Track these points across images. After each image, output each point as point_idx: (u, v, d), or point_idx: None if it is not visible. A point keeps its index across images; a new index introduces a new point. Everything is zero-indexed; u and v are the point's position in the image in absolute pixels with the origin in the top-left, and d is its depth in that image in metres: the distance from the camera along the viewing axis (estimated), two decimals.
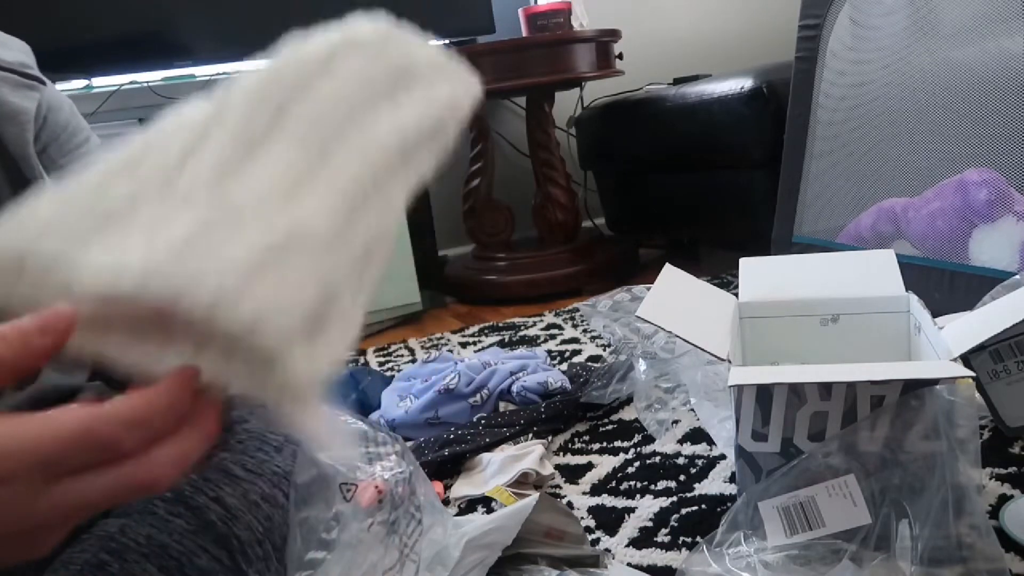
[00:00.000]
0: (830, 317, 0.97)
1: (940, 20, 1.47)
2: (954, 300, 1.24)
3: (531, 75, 2.16)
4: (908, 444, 0.71)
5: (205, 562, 0.57)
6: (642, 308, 0.87)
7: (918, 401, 0.70)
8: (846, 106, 1.64)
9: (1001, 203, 1.31)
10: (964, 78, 1.39)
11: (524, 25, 2.28)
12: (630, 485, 1.01)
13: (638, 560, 0.84)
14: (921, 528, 0.66)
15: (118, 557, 0.55)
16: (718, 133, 1.99)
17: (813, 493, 0.70)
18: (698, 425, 1.14)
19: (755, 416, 0.77)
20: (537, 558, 0.75)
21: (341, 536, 0.66)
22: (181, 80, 2.14)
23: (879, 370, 0.73)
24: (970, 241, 1.35)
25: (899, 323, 0.94)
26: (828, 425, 0.75)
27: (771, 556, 0.69)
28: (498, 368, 1.32)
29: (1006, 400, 0.82)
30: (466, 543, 0.73)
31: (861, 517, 0.68)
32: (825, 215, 1.68)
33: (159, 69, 2.15)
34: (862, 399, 0.74)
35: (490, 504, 1.00)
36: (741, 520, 0.72)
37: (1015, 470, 0.89)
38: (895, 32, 1.54)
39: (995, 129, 1.32)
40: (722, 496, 0.95)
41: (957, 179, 1.38)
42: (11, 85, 0.64)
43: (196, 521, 0.58)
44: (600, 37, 2.22)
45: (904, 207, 1.48)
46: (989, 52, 1.34)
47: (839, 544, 0.68)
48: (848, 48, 1.64)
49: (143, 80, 2.10)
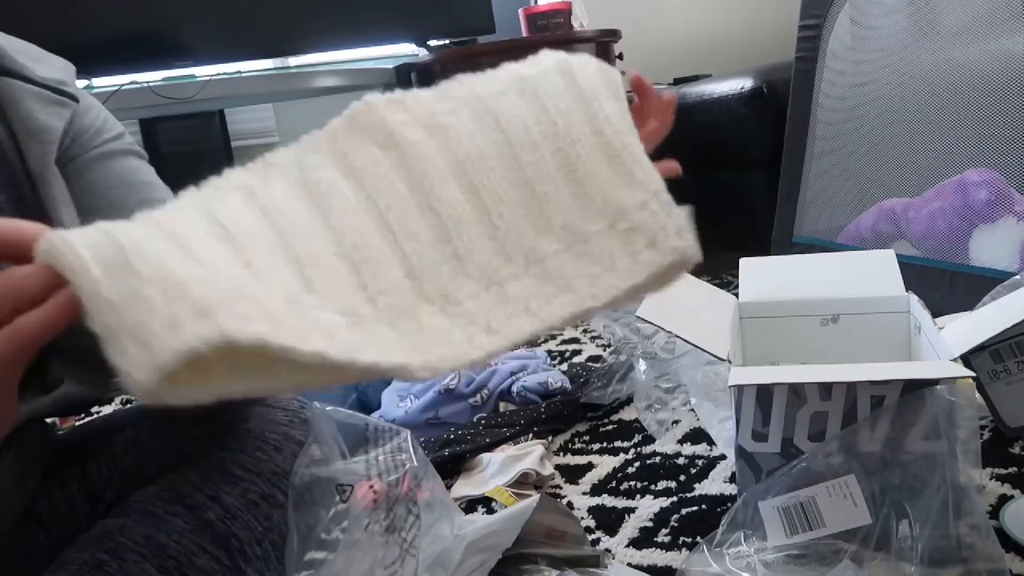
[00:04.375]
0: (830, 317, 0.97)
1: (940, 20, 1.47)
2: (954, 300, 1.24)
3: None
4: (908, 444, 0.71)
5: (204, 561, 0.57)
6: (642, 308, 0.87)
7: (918, 401, 0.70)
8: (846, 106, 1.64)
9: (1001, 203, 1.30)
10: (964, 78, 1.39)
11: (524, 25, 2.28)
12: (630, 485, 1.01)
13: (638, 560, 0.84)
14: (921, 528, 0.66)
15: (116, 557, 0.55)
16: (718, 133, 1.99)
17: (813, 493, 0.70)
18: (698, 425, 1.14)
19: (755, 416, 0.77)
20: (537, 558, 0.75)
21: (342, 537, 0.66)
22: (181, 80, 2.14)
23: (879, 370, 0.73)
24: (970, 241, 1.35)
25: (899, 323, 0.94)
26: (828, 425, 0.75)
27: (771, 556, 0.69)
28: (498, 368, 1.32)
29: (1006, 400, 0.82)
30: (467, 545, 0.73)
31: (861, 517, 0.68)
32: (825, 215, 1.68)
33: (159, 69, 2.15)
34: (862, 399, 0.74)
35: (490, 504, 1.00)
36: (741, 520, 0.72)
37: (1015, 470, 0.89)
38: (895, 32, 1.54)
39: (995, 129, 1.32)
40: (722, 496, 0.95)
41: (957, 179, 1.38)
42: (43, 101, 0.64)
43: (195, 520, 0.58)
44: (600, 37, 2.22)
45: (904, 207, 1.48)
46: (989, 52, 1.34)
47: (839, 544, 0.68)
48: (848, 48, 1.64)
49: (143, 80, 2.10)
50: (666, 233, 0.45)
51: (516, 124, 0.48)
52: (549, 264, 0.45)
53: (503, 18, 2.41)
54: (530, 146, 0.47)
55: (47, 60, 0.68)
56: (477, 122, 0.48)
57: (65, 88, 0.66)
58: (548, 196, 0.47)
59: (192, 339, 0.33)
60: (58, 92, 0.65)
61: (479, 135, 0.48)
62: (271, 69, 2.37)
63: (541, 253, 0.46)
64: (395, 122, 0.47)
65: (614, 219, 0.46)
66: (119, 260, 0.36)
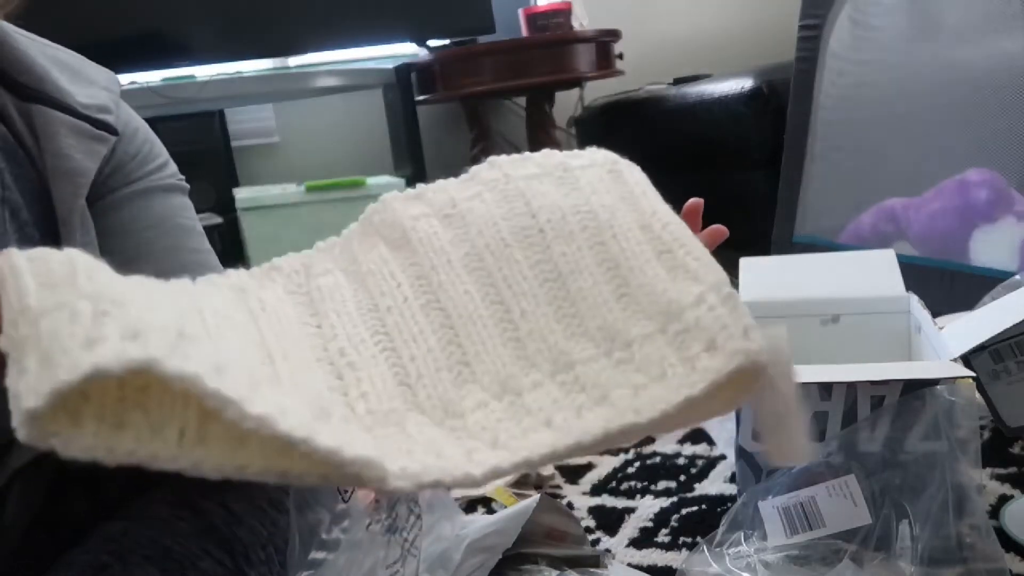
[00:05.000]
0: (830, 317, 0.97)
1: (941, 20, 1.47)
2: (954, 300, 1.24)
3: (531, 75, 2.16)
4: (908, 444, 0.71)
5: (207, 564, 0.57)
6: None
7: (918, 401, 0.70)
8: (846, 106, 1.64)
9: (1001, 203, 1.31)
10: (964, 78, 1.39)
11: (524, 25, 2.28)
12: (630, 485, 1.01)
13: (638, 560, 0.84)
14: (921, 528, 0.66)
15: (120, 559, 0.55)
16: (718, 133, 1.99)
17: (813, 493, 0.70)
18: (698, 425, 1.15)
19: (755, 416, 0.77)
20: (537, 558, 0.76)
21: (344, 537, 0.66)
22: (181, 80, 2.14)
23: (879, 370, 0.73)
24: (970, 241, 1.36)
25: (899, 323, 0.94)
26: (828, 425, 0.75)
27: (771, 556, 0.69)
28: None
29: (1006, 400, 0.82)
30: (467, 546, 0.73)
31: (861, 517, 0.68)
32: (825, 215, 1.68)
33: (159, 69, 2.15)
34: (862, 399, 0.74)
35: (490, 504, 1.00)
36: (741, 520, 0.73)
37: (1015, 470, 0.89)
38: (896, 32, 1.54)
39: (995, 129, 1.32)
40: (722, 496, 0.95)
41: (957, 179, 1.38)
42: (80, 136, 0.59)
43: (199, 524, 0.58)
44: (600, 37, 2.22)
45: (904, 207, 1.48)
46: (989, 52, 1.34)
47: (839, 544, 0.68)
48: (848, 48, 1.64)
49: (143, 80, 2.10)
50: (728, 333, 0.37)
51: (550, 209, 0.42)
52: (580, 371, 0.38)
53: (503, 18, 2.41)
54: (565, 236, 0.41)
55: (91, 76, 0.64)
56: (504, 205, 0.43)
57: (106, 118, 0.61)
58: (584, 293, 0.40)
59: (108, 358, 0.27)
60: (98, 125, 0.60)
61: (503, 220, 0.42)
62: (271, 69, 2.37)
63: (572, 359, 0.39)
64: (409, 217, 0.43)
65: (664, 321, 0.38)
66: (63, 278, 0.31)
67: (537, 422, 0.37)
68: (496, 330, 0.40)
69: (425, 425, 0.37)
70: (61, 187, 0.58)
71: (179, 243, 0.65)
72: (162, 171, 0.67)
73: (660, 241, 0.41)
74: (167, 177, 0.67)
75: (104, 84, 0.64)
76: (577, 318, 0.40)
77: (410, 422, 0.37)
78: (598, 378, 0.38)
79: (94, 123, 0.60)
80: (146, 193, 0.65)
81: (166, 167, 0.68)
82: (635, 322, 0.39)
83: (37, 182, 0.59)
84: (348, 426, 0.35)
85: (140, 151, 0.66)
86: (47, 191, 0.58)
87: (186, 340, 0.30)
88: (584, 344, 0.39)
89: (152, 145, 0.67)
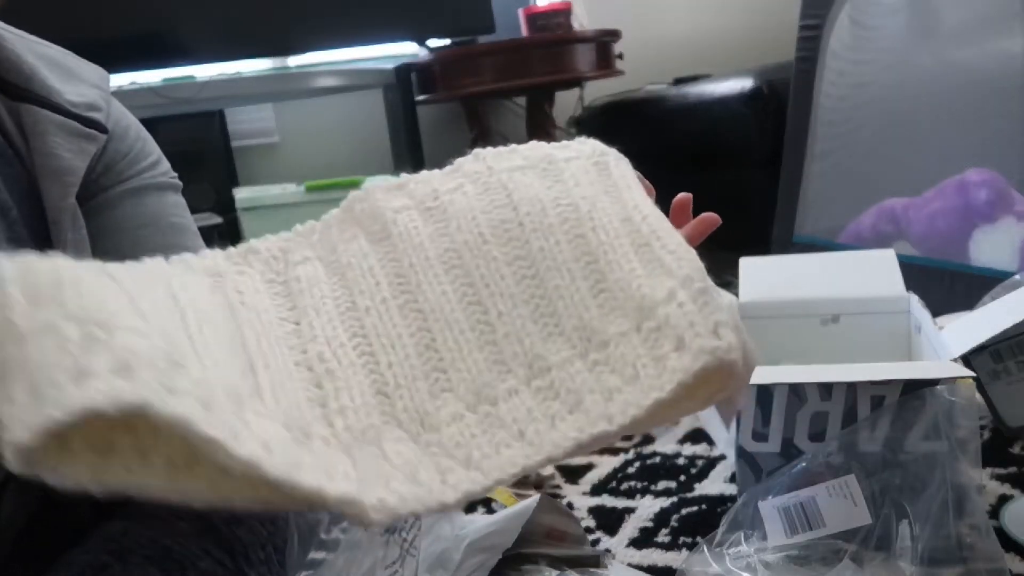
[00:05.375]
0: (830, 317, 0.97)
1: (941, 20, 1.47)
2: (954, 300, 1.24)
3: (531, 75, 2.16)
4: (908, 444, 0.71)
5: (207, 565, 0.57)
6: None
7: (918, 401, 0.70)
8: (846, 106, 1.64)
9: (1001, 203, 1.31)
10: (964, 78, 1.39)
11: (524, 25, 2.28)
12: (630, 485, 1.01)
13: (638, 560, 0.84)
14: (921, 528, 0.66)
15: (120, 559, 0.55)
16: (718, 133, 2.00)
17: (813, 493, 0.70)
18: (698, 425, 1.14)
19: (755, 416, 0.77)
20: (537, 558, 0.75)
21: (343, 536, 0.66)
22: (181, 80, 2.14)
23: (879, 370, 0.73)
24: (970, 241, 1.36)
25: (899, 323, 0.94)
26: (828, 425, 0.75)
27: (771, 556, 0.69)
28: None
29: (1006, 400, 0.82)
30: (467, 546, 0.73)
31: (861, 517, 0.68)
32: (825, 215, 1.68)
33: (159, 69, 2.15)
34: (862, 399, 0.74)
35: (490, 504, 1.00)
36: (741, 520, 0.73)
37: (1015, 470, 0.89)
38: (896, 32, 1.54)
39: (995, 129, 1.32)
40: (722, 496, 0.95)
41: (957, 179, 1.38)
42: (69, 135, 0.58)
43: (199, 524, 0.58)
44: (600, 37, 2.22)
45: (904, 207, 1.48)
46: (989, 52, 1.34)
47: (839, 544, 0.68)
48: (849, 48, 1.64)
49: (143, 80, 2.10)
50: (695, 331, 0.35)
51: (531, 202, 0.42)
52: (556, 375, 0.38)
53: (503, 18, 2.41)
54: (544, 229, 0.41)
55: (81, 73, 0.63)
56: (485, 197, 0.43)
57: (96, 116, 0.61)
58: (561, 291, 0.40)
59: (99, 398, 0.27)
60: (88, 123, 0.60)
61: (483, 214, 0.42)
62: (271, 69, 2.37)
63: (548, 363, 0.38)
64: (390, 209, 0.42)
65: (639, 318, 0.38)
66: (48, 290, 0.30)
67: (510, 436, 0.37)
68: (473, 334, 0.40)
69: (401, 442, 0.37)
70: (50, 186, 0.57)
71: (173, 241, 0.64)
72: (155, 169, 0.66)
73: (639, 234, 0.40)
74: (160, 175, 0.67)
75: (94, 82, 0.64)
76: (554, 317, 0.40)
77: (387, 439, 0.37)
78: (573, 382, 0.38)
79: (84, 121, 0.60)
80: (139, 191, 0.64)
81: (159, 165, 0.67)
82: (611, 320, 0.39)
83: (26, 181, 0.58)
84: (328, 450, 0.35)
85: (132, 149, 0.65)
86: (37, 190, 0.58)
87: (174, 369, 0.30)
88: (560, 345, 0.39)
89: (144, 143, 0.67)
